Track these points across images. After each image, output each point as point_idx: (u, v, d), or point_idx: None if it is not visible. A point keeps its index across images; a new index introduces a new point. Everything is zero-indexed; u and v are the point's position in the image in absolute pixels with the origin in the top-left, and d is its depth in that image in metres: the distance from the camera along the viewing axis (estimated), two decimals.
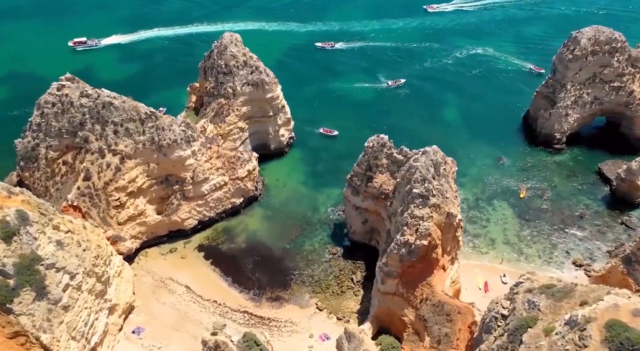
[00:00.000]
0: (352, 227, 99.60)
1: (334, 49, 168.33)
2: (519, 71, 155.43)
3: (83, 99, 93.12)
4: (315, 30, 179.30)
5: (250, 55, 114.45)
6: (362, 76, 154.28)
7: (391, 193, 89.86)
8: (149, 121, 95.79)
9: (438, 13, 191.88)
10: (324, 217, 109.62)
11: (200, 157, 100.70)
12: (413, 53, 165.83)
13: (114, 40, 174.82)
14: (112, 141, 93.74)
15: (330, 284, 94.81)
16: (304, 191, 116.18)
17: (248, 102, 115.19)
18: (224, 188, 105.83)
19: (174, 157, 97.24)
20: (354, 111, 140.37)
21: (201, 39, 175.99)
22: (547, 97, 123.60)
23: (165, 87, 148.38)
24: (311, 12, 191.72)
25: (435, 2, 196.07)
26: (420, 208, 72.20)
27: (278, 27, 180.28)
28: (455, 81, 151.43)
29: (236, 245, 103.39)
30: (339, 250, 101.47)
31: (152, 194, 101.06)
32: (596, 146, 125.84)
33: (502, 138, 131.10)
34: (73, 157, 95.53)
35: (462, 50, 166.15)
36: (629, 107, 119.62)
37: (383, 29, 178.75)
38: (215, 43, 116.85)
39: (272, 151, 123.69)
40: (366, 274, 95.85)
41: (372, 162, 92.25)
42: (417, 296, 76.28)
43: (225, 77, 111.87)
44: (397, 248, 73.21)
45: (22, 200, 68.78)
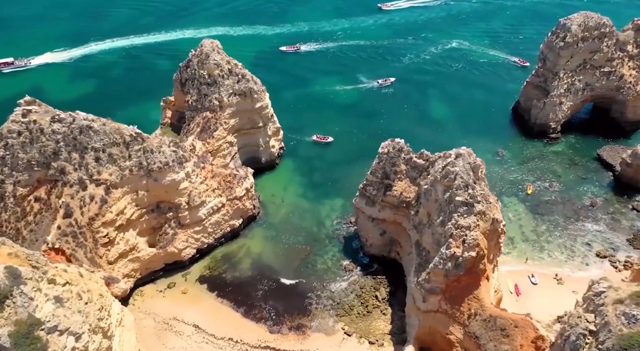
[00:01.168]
0: (369, 240, 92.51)
1: (300, 52, 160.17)
2: (500, 64, 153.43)
3: (55, 124, 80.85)
4: (284, 32, 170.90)
5: (235, 63, 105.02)
6: (341, 77, 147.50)
7: (413, 200, 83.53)
8: (135, 144, 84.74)
9: (394, 10, 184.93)
10: (331, 231, 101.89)
11: (194, 179, 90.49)
12: (388, 50, 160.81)
13: (49, 58, 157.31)
14: (94, 170, 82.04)
15: (353, 304, 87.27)
16: (304, 204, 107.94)
17: (236, 114, 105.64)
18: (222, 210, 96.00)
19: (166, 181, 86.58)
20: (340, 115, 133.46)
21: (161, 49, 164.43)
22: (538, 86, 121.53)
23: (129, 104, 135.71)
24: (274, 13, 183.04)
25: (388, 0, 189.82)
26: (465, 217, 66.08)
27: (244, 31, 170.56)
28: (439, 77, 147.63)
29: (241, 272, 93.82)
30: (355, 266, 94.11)
31: (142, 226, 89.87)
32: (589, 133, 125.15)
33: (496, 132, 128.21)
34: (47, 192, 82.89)
35: (437, 44, 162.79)
36: (620, 92, 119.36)
37: (353, 28, 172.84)
38: (193, 52, 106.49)
39: (263, 165, 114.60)
40: (390, 290, 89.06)
41: (389, 170, 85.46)
42: (463, 311, 70.10)
43: (209, 88, 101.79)
44: (442, 263, 66.73)
45: (9, 253, 56.90)
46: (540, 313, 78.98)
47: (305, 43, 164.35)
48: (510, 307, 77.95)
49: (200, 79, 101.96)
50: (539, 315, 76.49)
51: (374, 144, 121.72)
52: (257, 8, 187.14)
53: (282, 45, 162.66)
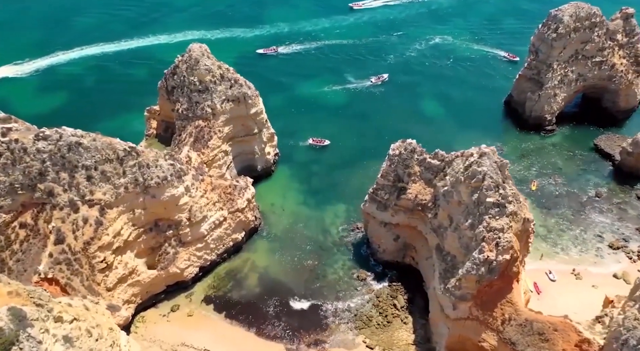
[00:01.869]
0: (381, 246, 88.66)
1: (278, 54, 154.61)
2: (488, 58, 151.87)
3: (40, 143, 73.63)
4: (264, 34, 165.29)
5: (227, 68, 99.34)
6: (328, 77, 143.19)
7: (429, 203, 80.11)
8: (129, 159, 78.26)
9: (366, 9, 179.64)
10: (338, 239, 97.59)
11: (194, 193, 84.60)
12: (372, 49, 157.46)
13: (9, 71, 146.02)
14: (86, 190, 75.25)
15: (371, 315, 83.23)
16: (306, 212, 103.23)
17: (230, 121, 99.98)
18: (224, 224, 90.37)
19: (164, 197, 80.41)
20: (332, 117, 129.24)
21: (135, 56, 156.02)
22: (531, 79, 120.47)
23: (105, 117, 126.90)
24: (250, 15, 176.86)
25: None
26: (497, 219, 62.99)
27: (222, 35, 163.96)
28: (428, 74, 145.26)
29: (249, 289, 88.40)
30: (368, 274, 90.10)
31: (140, 246, 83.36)
32: (582, 123, 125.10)
33: (491, 127, 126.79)
34: (34, 217, 75.55)
35: (420, 41, 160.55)
36: (612, 81, 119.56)
37: (334, 26, 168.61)
38: (179, 57, 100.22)
39: (259, 173, 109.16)
40: (408, 297, 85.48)
41: (402, 172, 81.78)
42: (496, 317, 67.12)
43: (200, 95, 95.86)
44: (476, 268, 63.43)
45: (9, 292, 50.30)
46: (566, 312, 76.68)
47: (284, 45, 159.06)
48: (533, 307, 75.48)
49: (191, 86, 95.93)
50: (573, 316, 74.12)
51: (371, 145, 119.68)
52: (233, 10, 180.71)
53: (261, 47, 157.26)
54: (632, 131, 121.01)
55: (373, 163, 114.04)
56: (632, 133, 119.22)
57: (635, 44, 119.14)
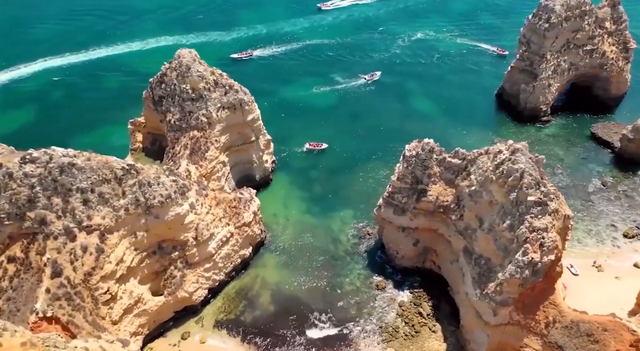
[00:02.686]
0: (400, 252, 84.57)
1: (254, 58, 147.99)
2: (474, 52, 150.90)
3: (27, 166, 65.86)
4: (242, 36, 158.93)
5: (220, 73, 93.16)
6: (315, 79, 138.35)
7: (452, 204, 76.58)
8: (128, 178, 71.23)
9: (335, 9, 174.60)
10: (349, 247, 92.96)
11: (200, 210, 78.21)
12: (355, 47, 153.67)
13: None
14: (83, 215, 67.87)
15: (397, 326, 79.02)
16: (311, 221, 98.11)
17: (226, 130, 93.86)
18: (231, 241, 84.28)
19: (169, 217, 73.73)
20: (325, 119, 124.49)
21: (105, 66, 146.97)
22: (524, 71, 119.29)
23: (80, 132, 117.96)
24: (225, 17, 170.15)
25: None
26: (539, 218, 59.87)
27: (197, 39, 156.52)
28: (416, 70, 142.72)
29: (262, 309, 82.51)
30: (387, 282, 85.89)
31: (143, 272, 76.38)
32: (575, 112, 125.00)
33: (486, 120, 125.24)
34: (24, 249, 67.56)
35: (402, 37, 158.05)
36: (604, 68, 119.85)
37: (314, 26, 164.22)
38: (166, 65, 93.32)
39: (257, 183, 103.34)
40: (433, 303, 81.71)
41: (421, 173, 77.88)
42: (539, 320, 64.09)
43: (194, 104, 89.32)
44: (520, 271, 60.10)
45: (22, 343, 43.38)
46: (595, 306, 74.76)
47: (260, 47, 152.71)
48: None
49: (183, 95, 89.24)
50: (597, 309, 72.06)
51: (368, 146, 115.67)
52: (204, 13, 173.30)
53: (238, 51, 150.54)
54: (625, 117, 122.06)
55: (373, 165, 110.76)
56: (626, 119, 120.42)
57: (623, 31, 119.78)
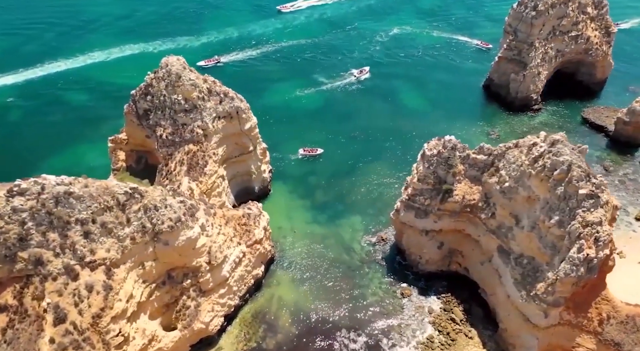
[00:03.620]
0: (424, 256, 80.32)
1: (221, 65, 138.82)
2: (451, 45, 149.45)
3: (16, 199, 57.00)
4: (212, 41, 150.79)
5: (213, 80, 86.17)
6: (297, 81, 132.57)
7: (479, 202, 73.01)
8: (133, 203, 63.42)
9: (295, 11, 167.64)
10: (364, 255, 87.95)
11: (211, 231, 71.10)
12: (333, 46, 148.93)
13: None
14: (85, 250, 59.66)
15: (431, 335, 74.70)
16: (320, 231, 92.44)
17: (223, 141, 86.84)
18: (244, 261, 77.51)
19: (180, 242, 66.31)
20: (314, 122, 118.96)
21: (66, 81, 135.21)
22: (512, 60, 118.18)
23: (47, 155, 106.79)
24: (192, 22, 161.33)
25: (287, 1, 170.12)
26: (592, 211, 56.87)
27: (165, 46, 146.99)
28: (399, 65, 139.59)
29: (284, 332, 75.95)
30: (412, 289, 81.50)
31: (153, 306, 68.59)
32: (563, 98, 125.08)
33: (477, 112, 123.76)
34: (16, 296, 58.28)
35: (380, 33, 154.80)
36: (589, 54, 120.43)
37: (286, 27, 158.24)
38: (151, 75, 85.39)
39: (256, 195, 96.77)
40: (464, 307, 77.95)
41: (445, 173, 73.82)
42: (592, 318, 61.36)
43: (188, 115, 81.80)
44: (575, 269, 56.89)
45: None
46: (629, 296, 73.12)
47: (234, 51, 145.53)
48: None
49: (175, 106, 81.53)
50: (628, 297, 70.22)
51: (364, 147, 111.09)
52: (168, 18, 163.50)
53: (210, 56, 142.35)
54: (612, 101, 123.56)
55: (373, 166, 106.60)
56: (613, 103, 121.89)
57: (604, 16, 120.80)
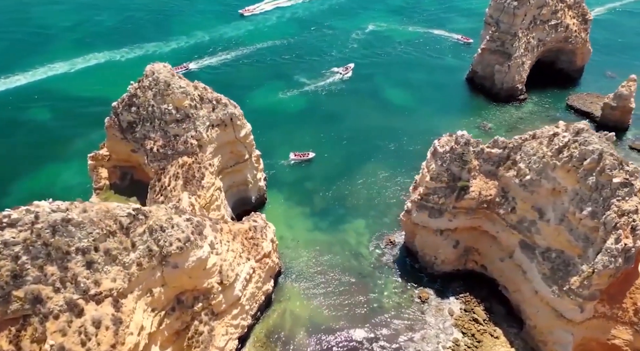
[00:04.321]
0: (439, 257, 77.62)
1: (193, 70, 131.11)
2: (429, 40, 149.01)
3: (7, 232, 50.37)
4: (183, 46, 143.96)
5: (203, 86, 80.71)
6: (279, 83, 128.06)
7: (496, 197, 70.92)
8: (137, 225, 57.55)
9: (266, 12, 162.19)
10: (374, 260, 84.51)
11: (221, 249, 65.92)
12: (310, 46, 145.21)
13: None
14: (89, 281, 53.47)
15: (456, 338, 71.99)
16: (323, 238, 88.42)
17: (218, 150, 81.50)
18: (254, 277, 72.59)
19: (190, 264, 60.87)
20: (301, 124, 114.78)
21: (28, 95, 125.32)
22: (496, 51, 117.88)
23: (21, 177, 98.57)
24: (158, 26, 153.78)
25: (249, 3, 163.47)
26: (627, 200, 55.42)
27: (134, 53, 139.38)
28: (380, 62, 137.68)
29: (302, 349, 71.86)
30: (429, 292, 78.67)
31: (163, 335, 62.79)
32: (545, 87, 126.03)
33: (464, 106, 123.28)
34: (12, 339, 51.36)
35: (355, 30, 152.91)
36: (569, 41, 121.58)
37: (258, 28, 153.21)
38: (134, 84, 79.21)
39: (253, 205, 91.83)
40: (485, 306, 75.74)
41: (459, 169, 71.25)
42: (627, 308, 60.06)
43: (180, 125, 76.05)
44: (613, 260, 55.31)
45: None
46: None
47: (208, 55, 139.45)
48: None
49: (165, 117, 75.61)
50: None
51: (357, 148, 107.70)
52: (133, 22, 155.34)
53: (183, 62, 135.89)
54: (592, 87, 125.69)
55: (369, 167, 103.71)
56: (595, 89, 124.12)
57: (580, 3, 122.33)
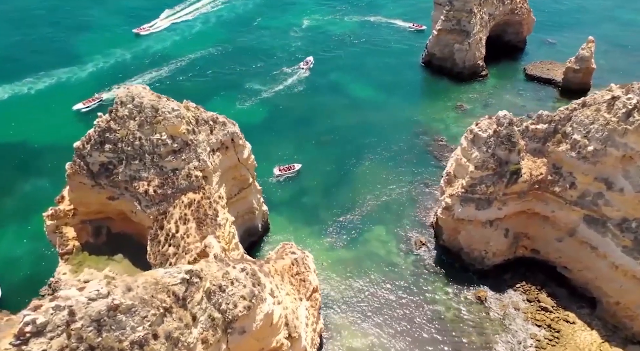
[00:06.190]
0: (490, 250, 71.65)
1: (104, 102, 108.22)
2: (374, 28, 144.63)
3: (36, 344, 34.96)
4: (103, 67, 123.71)
5: (194, 106, 66.64)
6: (231, 94, 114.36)
7: (547, 175, 66.54)
8: (194, 292, 43.93)
9: (188, 20, 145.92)
10: (411, 266, 76.38)
11: (280, 295, 53.82)
12: (249, 50, 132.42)
13: None
14: None
15: (534, 333, 66.57)
16: (349, 255, 78.55)
17: (222, 178, 68.22)
18: (310, 318, 61.12)
19: (257, 324, 48.39)
20: (272, 135, 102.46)
21: None
22: (453, 30, 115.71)
23: None
24: (61, 52, 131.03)
25: (143, 23, 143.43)
26: None
27: (43, 84, 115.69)
28: (331, 58, 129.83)
29: None
30: (485, 290, 72.53)
31: None
32: (498, 61, 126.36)
33: (432, 90, 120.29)
34: None
35: (292, 27, 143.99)
36: (515, 13, 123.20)
37: (185, 39, 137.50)
38: (105, 117, 62.72)
39: (260, 233, 79.49)
40: (547, 292, 71.34)
41: (506, 153, 65.60)
42: None
43: (178, 157, 61.64)
44: None
45: None
46: None
47: (125, 81, 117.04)
48: None
49: (159, 149, 60.80)
50: None
51: (342, 150, 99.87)
52: (26, 47, 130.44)
53: (104, 86, 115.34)
54: (538, 55, 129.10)
55: (364, 168, 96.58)
56: (542, 56, 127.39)
57: None
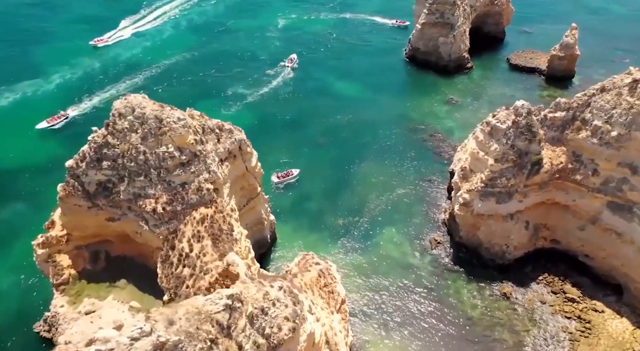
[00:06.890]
0: (512, 244, 69.85)
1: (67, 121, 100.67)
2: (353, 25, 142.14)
3: None
4: (71, 78, 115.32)
5: (199, 114, 61.79)
6: (216, 101, 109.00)
7: (568, 164, 65.29)
8: (237, 318, 39.55)
9: (154, 27, 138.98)
10: (430, 266, 73.71)
11: (316, 310, 49.93)
12: (227, 53, 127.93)
13: None
14: None
15: (565, 326, 65.12)
16: (362, 260, 75.20)
17: (231, 189, 63.55)
18: (343, 331, 57.41)
19: (302, 346, 44.53)
20: (264, 140, 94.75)
21: None
22: (437, 24, 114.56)
23: None
24: (21, 63, 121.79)
25: (100, 34, 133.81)
26: None
27: (5, 100, 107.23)
28: (313, 57, 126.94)
29: None
30: (508, 285, 70.64)
31: None
32: (480, 52, 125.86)
33: (420, 84, 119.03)
34: None
35: (267, 27, 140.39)
36: (495, 4, 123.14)
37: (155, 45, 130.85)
38: (100, 131, 57.42)
39: (269, 244, 75.16)
40: (571, 282, 70.18)
41: (526, 143, 63.93)
42: None
43: (187, 169, 56.56)
44: None
45: None
46: None
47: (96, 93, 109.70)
48: None
49: (166, 162, 55.64)
50: None
51: (340, 151, 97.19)
52: None
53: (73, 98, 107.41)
54: (517, 44, 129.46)
55: (365, 169, 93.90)
56: (522, 46, 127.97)
57: None
